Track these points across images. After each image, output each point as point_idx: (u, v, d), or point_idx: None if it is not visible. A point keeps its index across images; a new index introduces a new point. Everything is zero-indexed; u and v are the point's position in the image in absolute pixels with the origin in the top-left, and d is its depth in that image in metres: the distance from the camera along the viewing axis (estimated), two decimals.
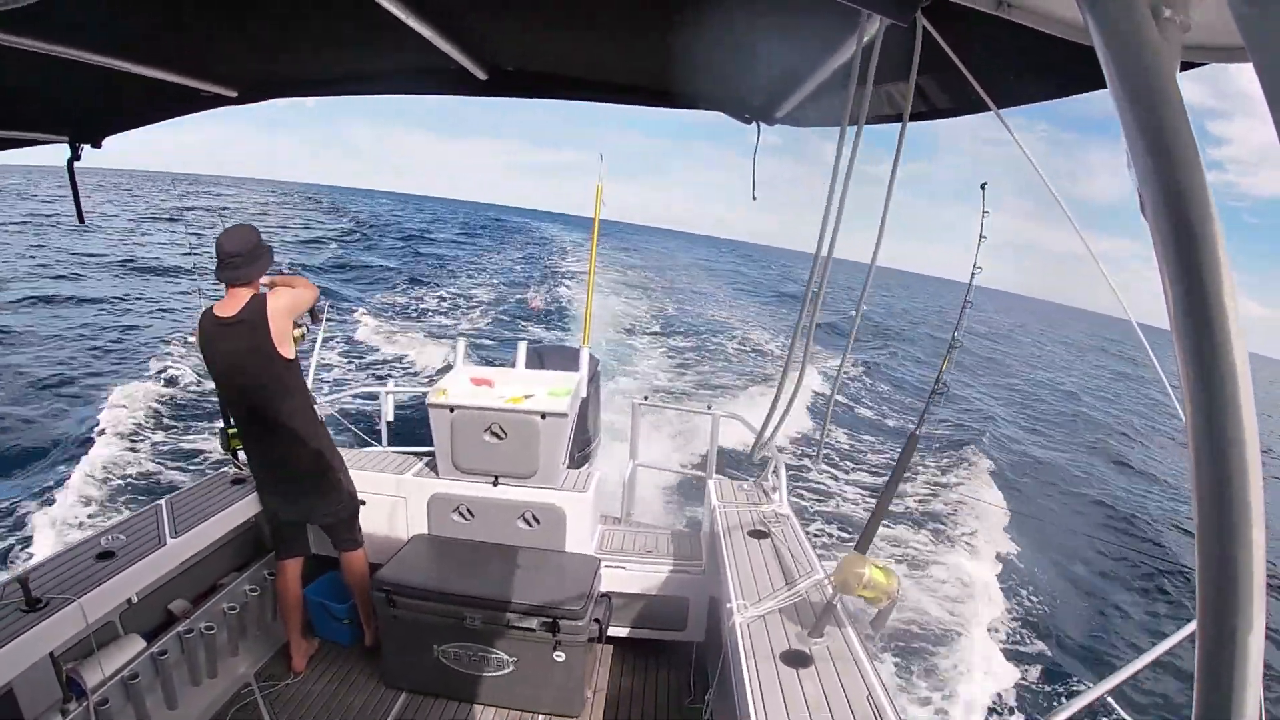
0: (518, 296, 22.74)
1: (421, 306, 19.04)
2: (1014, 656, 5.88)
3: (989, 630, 6.16)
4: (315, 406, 3.04)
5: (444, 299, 20.63)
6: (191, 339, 3.03)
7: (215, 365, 2.79)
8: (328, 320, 3.64)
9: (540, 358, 4.78)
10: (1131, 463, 13.35)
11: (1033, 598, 6.87)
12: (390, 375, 12.06)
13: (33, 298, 15.51)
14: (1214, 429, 0.39)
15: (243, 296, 2.72)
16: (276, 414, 2.84)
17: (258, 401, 2.82)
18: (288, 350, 2.78)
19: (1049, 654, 6.05)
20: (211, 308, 2.75)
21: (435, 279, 24.68)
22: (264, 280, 2.85)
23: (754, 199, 2.28)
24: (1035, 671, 5.78)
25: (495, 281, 25.74)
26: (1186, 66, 0.91)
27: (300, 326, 3.02)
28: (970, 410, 15.57)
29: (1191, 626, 0.43)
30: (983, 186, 2.38)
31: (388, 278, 24.05)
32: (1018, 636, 6.20)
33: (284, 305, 2.76)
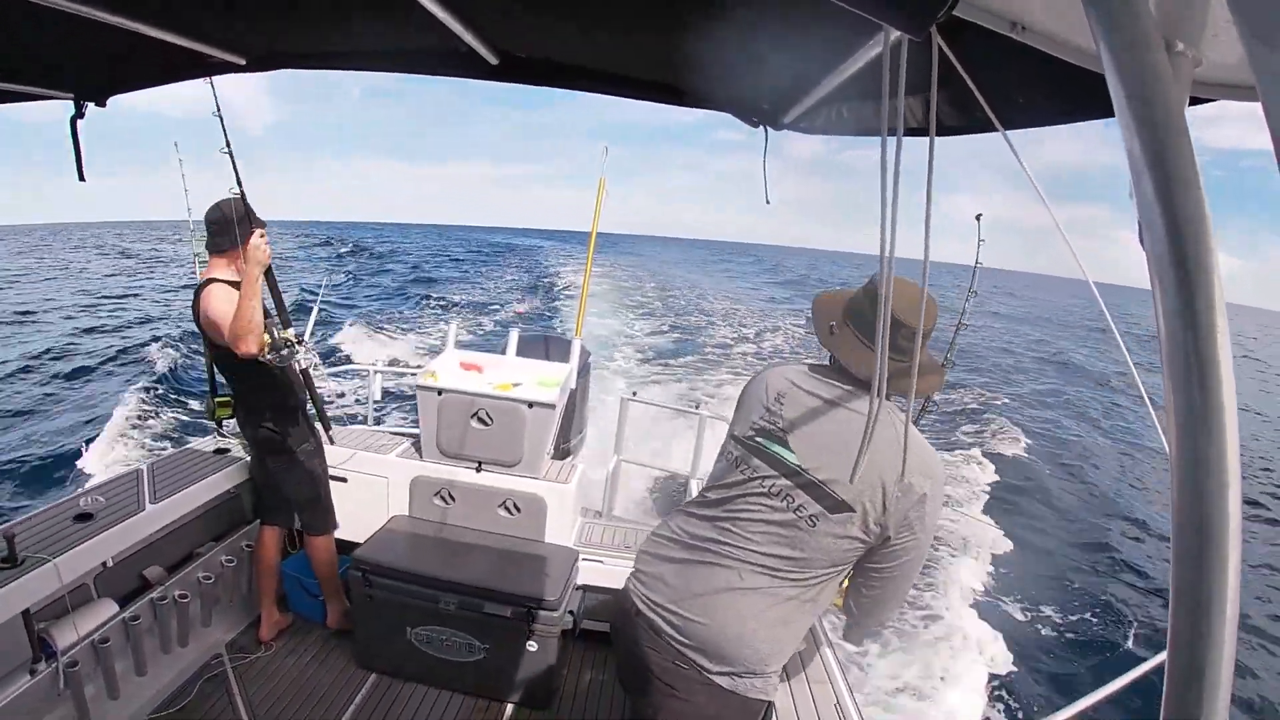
0: (504, 308, 22.90)
1: (409, 324, 19.16)
2: (972, 678, 5.89)
3: (951, 646, 6.19)
4: (285, 374, 2.94)
5: (429, 313, 20.81)
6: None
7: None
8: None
9: (532, 347, 4.78)
10: (1116, 476, 13.43)
11: (999, 612, 6.90)
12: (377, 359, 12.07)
13: None
14: (1199, 465, 0.39)
15: (211, 268, 2.77)
16: (232, 384, 2.94)
17: (223, 370, 2.90)
18: (216, 338, 2.70)
19: (1008, 673, 6.07)
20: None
21: (419, 297, 24.75)
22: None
23: (767, 202, 2.30)
24: (993, 694, 5.80)
25: (478, 297, 25.88)
26: (1195, 101, 0.92)
27: (272, 353, 2.68)
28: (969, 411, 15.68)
29: (1161, 656, 0.44)
30: (978, 218, 2.58)
31: (375, 297, 24.26)
32: (980, 653, 6.22)
33: (207, 312, 2.67)
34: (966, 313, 2.57)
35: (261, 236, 2.65)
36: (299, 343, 2.77)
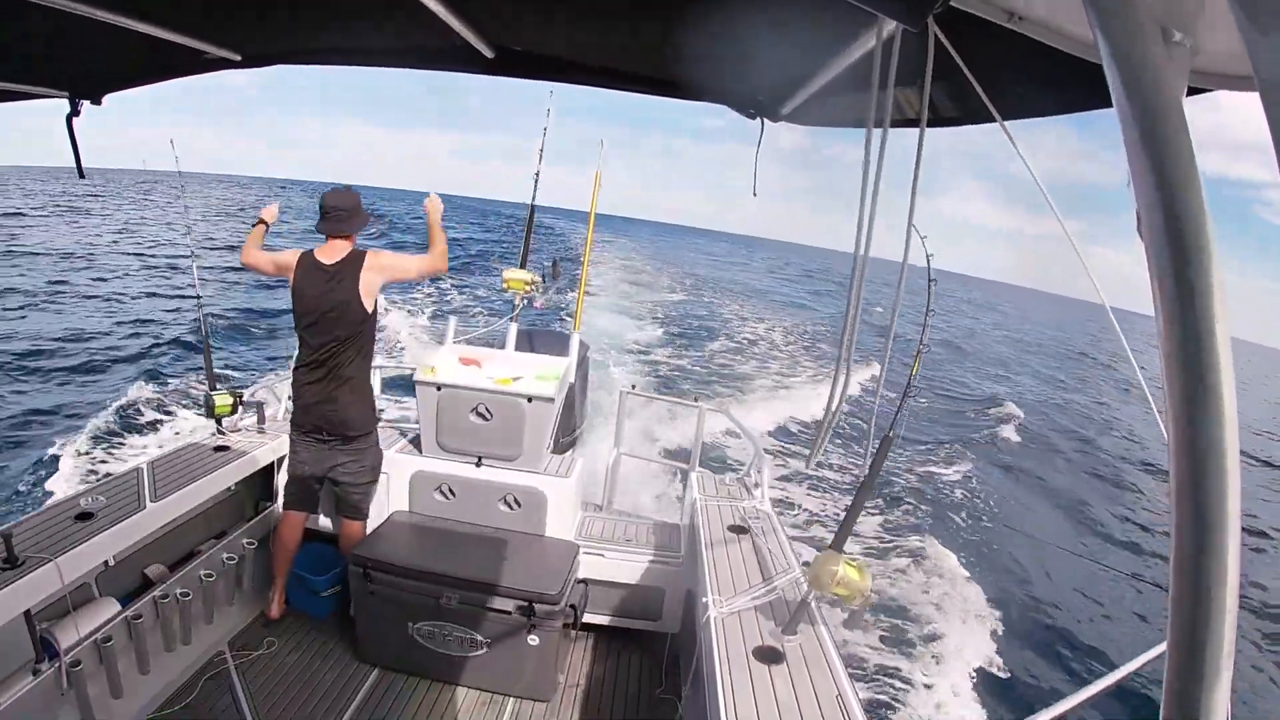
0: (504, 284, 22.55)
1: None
2: (974, 669, 5.90)
3: (947, 639, 6.21)
4: (374, 368, 3.29)
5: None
6: None
7: (301, 302, 3.00)
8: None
9: (530, 341, 4.77)
10: (1114, 465, 13.45)
11: (999, 607, 6.91)
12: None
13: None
14: (1198, 454, 0.39)
15: (342, 249, 3.02)
16: (341, 363, 3.03)
17: (329, 347, 3.01)
18: (369, 304, 2.99)
19: (1009, 665, 6.07)
20: (313, 251, 3.04)
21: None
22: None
23: (755, 195, 2.28)
24: (993, 685, 5.80)
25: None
26: (1193, 91, 0.91)
27: (531, 285, 3.79)
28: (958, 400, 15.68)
29: (1161, 646, 0.44)
30: (908, 232, 2.56)
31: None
32: (980, 646, 6.22)
33: (383, 264, 3.04)
34: (926, 332, 2.43)
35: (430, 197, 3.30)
36: (542, 280, 3.68)
